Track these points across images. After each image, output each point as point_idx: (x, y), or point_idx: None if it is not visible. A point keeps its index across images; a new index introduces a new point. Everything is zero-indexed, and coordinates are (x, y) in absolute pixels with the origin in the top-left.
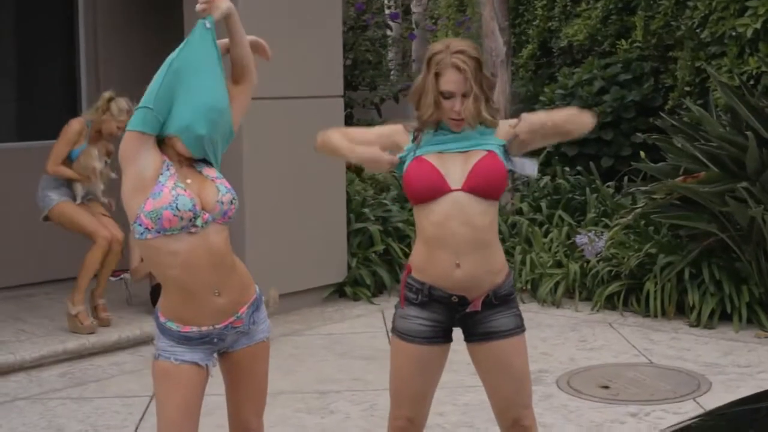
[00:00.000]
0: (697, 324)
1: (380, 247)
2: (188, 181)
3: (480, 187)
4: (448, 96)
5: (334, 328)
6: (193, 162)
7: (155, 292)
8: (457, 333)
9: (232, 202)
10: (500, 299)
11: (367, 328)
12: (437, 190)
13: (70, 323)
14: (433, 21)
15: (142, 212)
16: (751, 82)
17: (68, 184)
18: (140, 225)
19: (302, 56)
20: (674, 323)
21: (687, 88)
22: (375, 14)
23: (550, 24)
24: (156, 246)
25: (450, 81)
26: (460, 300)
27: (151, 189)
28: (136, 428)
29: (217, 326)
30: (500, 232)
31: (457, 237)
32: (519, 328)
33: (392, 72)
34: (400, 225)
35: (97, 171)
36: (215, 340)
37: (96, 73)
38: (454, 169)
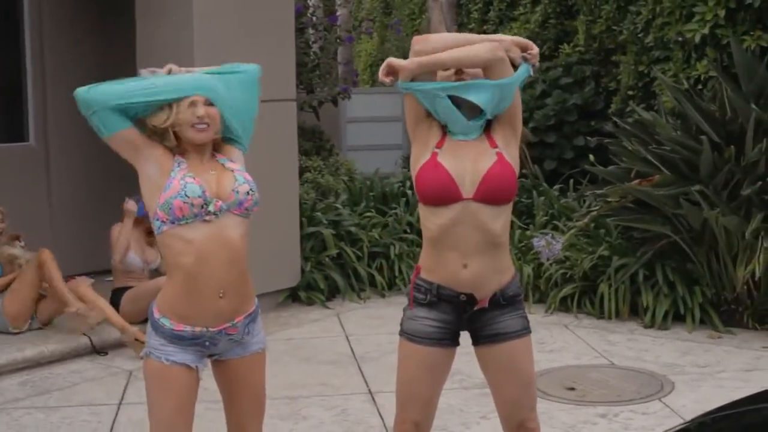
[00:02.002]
0: (651, 325)
1: (333, 251)
2: (212, 172)
3: (491, 197)
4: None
5: (292, 333)
6: (217, 155)
7: (115, 297)
8: None
9: (248, 192)
10: (508, 300)
11: (326, 333)
12: (450, 198)
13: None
14: (358, 23)
15: (157, 207)
16: (699, 87)
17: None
18: (157, 219)
19: (255, 60)
20: (629, 324)
21: (630, 92)
22: (313, 16)
23: (485, 28)
24: (171, 235)
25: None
26: (468, 299)
27: (163, 185)
28: None
29: (211, 329)
30: None
31: (467, 241)
32: (526, 330)
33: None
34: (352, 229)
35: (18, 255)
36: (207, 343)
37: (42, 78)
38: (465, 173)
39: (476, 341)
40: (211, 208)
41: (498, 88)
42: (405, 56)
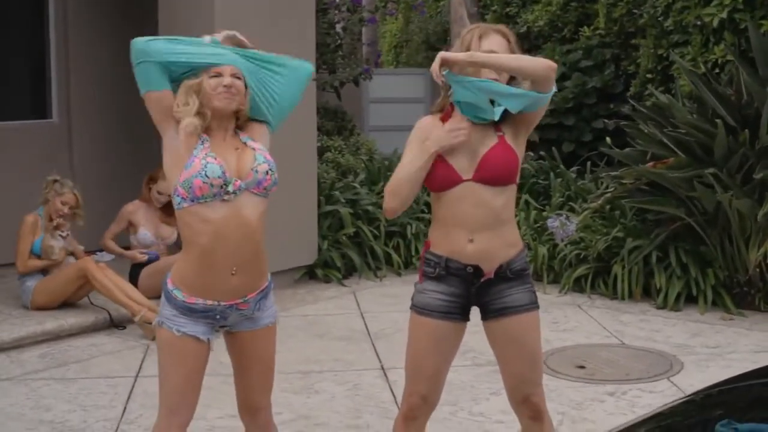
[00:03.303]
0: (663, 306)
1: (351, 230)
2: (236, 149)
3: (488, 178)
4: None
5: (308, 310)
6: (240, 133)
7: (134, 272)
8: None
9: (268, 172)
10: (515, 273)
11: (342, 310)
12: (450, 182)
13: (145, 330)
14: (383, 4)
15: (178, 184)
16: (716, 71)
17: (42, 271)
18: (177, 196)
19: (275, 41)
20: (641, 305)
21: (649, 76)
22: None
23: (508, 9)
24: (191, 212)
25: (494, 42)
26: (475, 270)
27: (185, 162)
28: (124, 408)
29: (222, 303)
30: None
31: (470, 217)
32: (533, 304)
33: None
34: (369, 208)
35: (57, 249)
36: (217, 316)
37: (66, 56)
38: (465, 157)
39: (485, 315)
40: (230, 188)
41: (535, 98)
42: (428, 38)
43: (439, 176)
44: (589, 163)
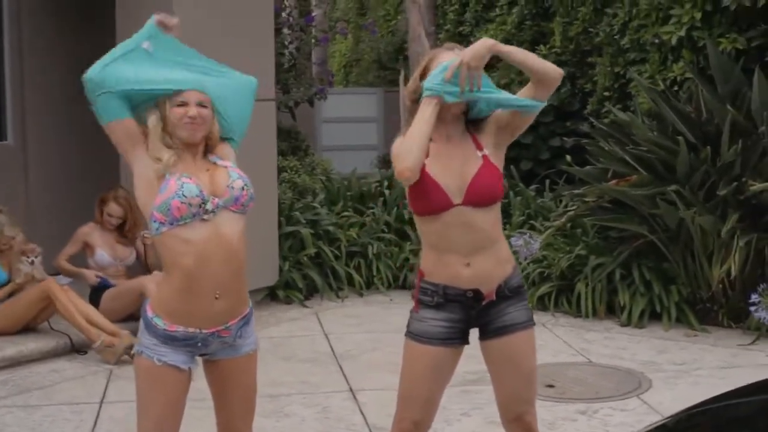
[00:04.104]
0: (627, 323)
1: (312, 251)
2: (206, 170)
3: (477, 201)
4: None
5: (271, 332)
6: (208, 154)
7: (94, 295)
8: None
9: (243, 188)
10: (513, 291)
11: (305, 332)
12: (442, 207)
13: (106, 355)
14: (333, 24)
15: (154, 209)
16: (675, 88)
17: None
18: (154, 221)
19: (235, 59)
20: (605, 323)
21: (606, 93)
22: (289, 16)
23: (461, 29)
24: (171, 236)
25: (446, 54)
26: (475, 294)
27: (159, 187)
28: None
29: (204, 330)
30: None
31: (463, 241)
32: (530, 321)
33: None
34: (330, 228)
35: (22, 274)
36: (199, 344)
37: (21, 78)
38: (452, 180)
39: (484, 335)
40: (208, 206)
41: (537, 107)
42: (380, 57)
43: (433, 199)
44: (548, 181)
